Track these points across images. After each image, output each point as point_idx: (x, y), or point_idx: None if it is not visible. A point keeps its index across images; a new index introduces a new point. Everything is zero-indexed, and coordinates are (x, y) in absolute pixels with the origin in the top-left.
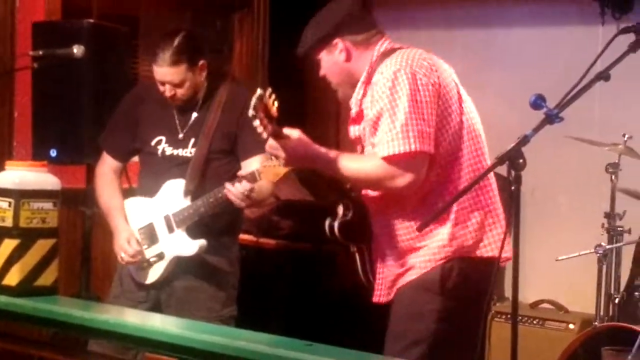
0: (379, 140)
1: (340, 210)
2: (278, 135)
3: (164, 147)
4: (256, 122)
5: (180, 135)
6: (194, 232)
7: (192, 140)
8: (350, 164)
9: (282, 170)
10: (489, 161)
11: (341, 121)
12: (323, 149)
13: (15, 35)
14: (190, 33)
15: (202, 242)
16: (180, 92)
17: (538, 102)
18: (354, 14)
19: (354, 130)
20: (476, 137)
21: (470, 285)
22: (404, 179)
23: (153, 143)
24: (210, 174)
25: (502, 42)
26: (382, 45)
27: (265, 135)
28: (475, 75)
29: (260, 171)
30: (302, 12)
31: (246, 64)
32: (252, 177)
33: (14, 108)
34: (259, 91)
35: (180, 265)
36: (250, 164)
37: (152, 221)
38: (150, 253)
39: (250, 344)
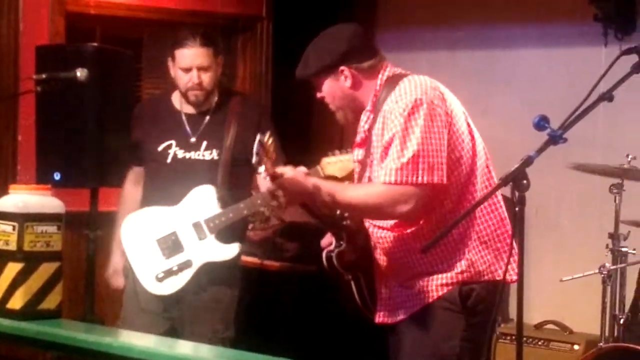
0: (384, 165)
1: (333, 240)
2: (274, 177)
3: (174, 150)
4: (261, 169)
5: (193, 139)
6: (224, 238)
7: (205, 143)
8: (349, 193)
9: (351, 165)
10: None
11: (345, 144)
12: (319, 181)
13: (18, 59)
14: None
15: (237, 245)
16: (206, 79)
17: (541, 123)
18: (358, 42)
19: (357, 154)
20: (485, 164)
21: (487, 306)
22: (405, 206)
23: (161, 149)
24: (235, 181)
25: (505, 63)
26: (386, 71)
27: (267, 179)
28: (478, 97)
29: (323, 166)
30: (305, 35)
31: (249, 87)
32: (314, 173)
33: (17, 132)
34: (258, 136)
35: (207, 272)
36: None
37: (175, 230)
38: (172, 262)
39: None
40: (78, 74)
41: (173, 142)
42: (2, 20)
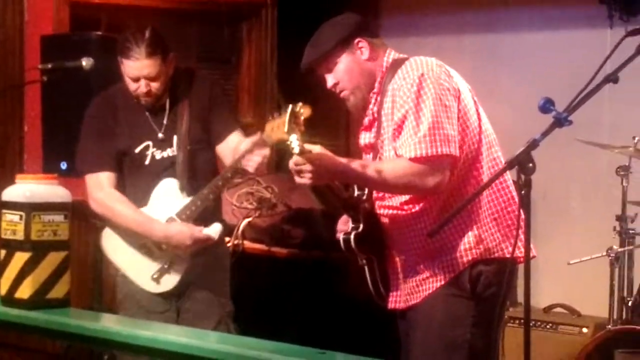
0: (403, 142)
1: (350, 223)
2: (303, 150)
3: (152, 152)
4: (293, 137)
5: (160, 135)
6: (202, 223)
7: (175, 138)
8: (378, 168)
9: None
10: None
11: (351, 131)
12: (346, 160)
13: (24, 49)
14: (155, 28)
15: (219, 225)
16: (155, 86)
17: (547, 106)
18: (365, 20)
19: (364, 138)
20: (492, 142)
21: (497, 287)
22: (434, 178)
23: (138, 150)
24: (196, 166)
25: (510, 46)
26: (390, 55)
27: (296, 150)
28: (483, 80)
29: (268, 132)
30: (310, 21)
31: (254, 73)
32: (262, 142)
33: (24, 122)
34: (290, 106)
35: (197, 257)
36: (230, 141)
37: None
38: (161, 262)
39: (263, 353)
40: (84, 63)
41: (150, 143)
42: (6, 10)
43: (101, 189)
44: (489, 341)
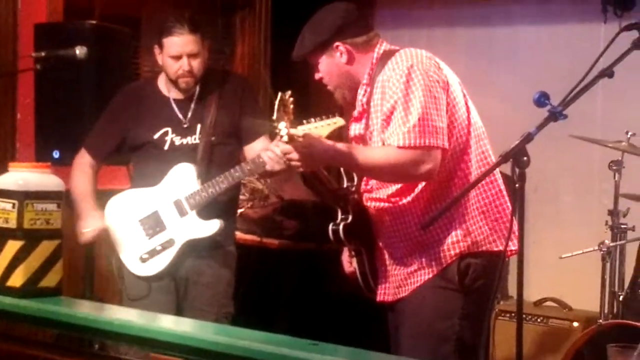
0: (391, 132)
1: (339, 214)
2: (291, 137)
3: (171, 137)
4: (281, 125)
5: (185, 125)
6: (205, 214)
7: (199, 126)
8: (369, 154)
9: (325, 131)
10: (494, 158)
11: (345, 121)
12: (337, 144)
13: (17, 37)
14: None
15: (219, 221)
16: (195, 66)
17: (542, 100)
18: (352, 17)
19: (354, 129)
20: (481, 135)
21: (485, 280)
22: (425, 165)
23: (157, 136)
24: (216, 158)
25: (505, 40)
26: (381, 47)
27: (285, 138)
28: (477, 74)
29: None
30: (304, 11)
31: (248, 64)
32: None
33: (16, 110)
34: (280, 94)
35: (192, 250)
36: (256, 145)
37: (157, 209)
38: (155, 242)
39: (255, 344)
40: (77, 51)
41: (169, 129)
42: None
43: (80, 157)
44: (478, 334)
